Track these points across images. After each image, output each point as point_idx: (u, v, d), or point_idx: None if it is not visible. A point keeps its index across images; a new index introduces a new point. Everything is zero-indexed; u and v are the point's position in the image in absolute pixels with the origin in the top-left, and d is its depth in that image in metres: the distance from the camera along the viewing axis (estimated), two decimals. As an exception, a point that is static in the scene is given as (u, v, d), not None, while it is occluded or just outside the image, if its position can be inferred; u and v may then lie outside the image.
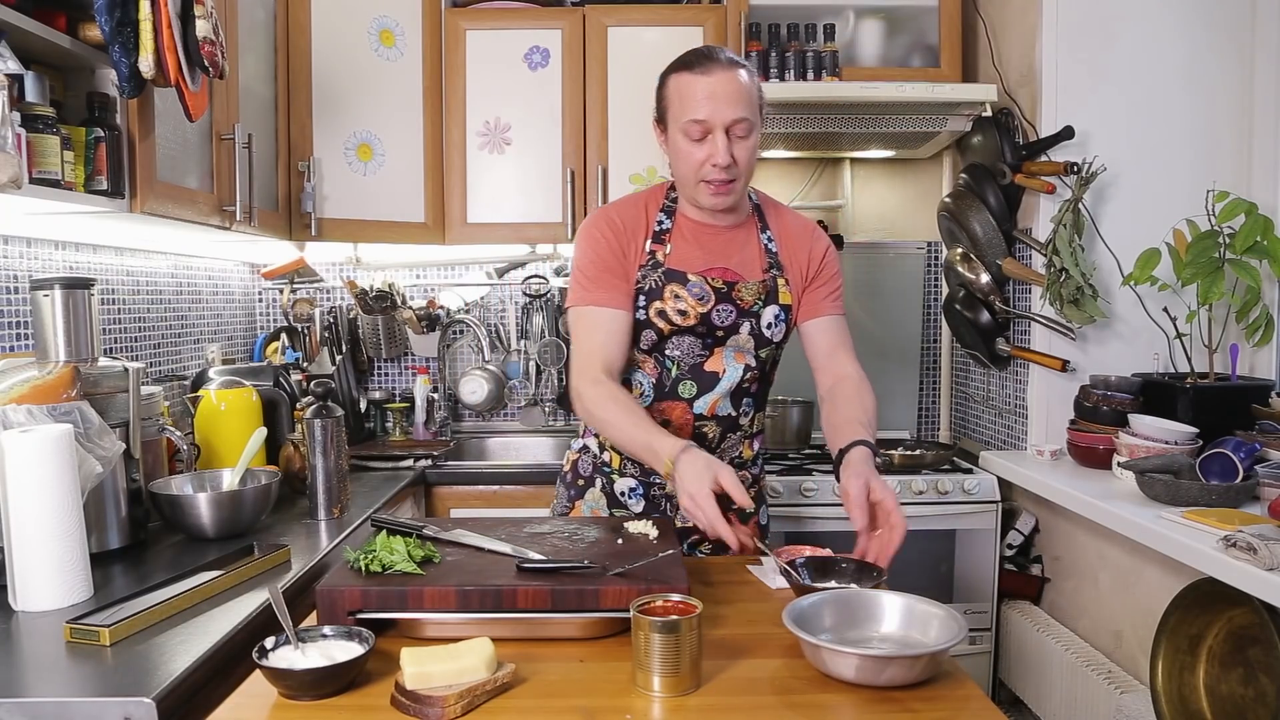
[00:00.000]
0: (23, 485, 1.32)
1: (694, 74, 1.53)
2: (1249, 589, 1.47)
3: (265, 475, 1.84)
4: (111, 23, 1.44)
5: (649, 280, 1.59)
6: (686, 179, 1.58)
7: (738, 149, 1.53)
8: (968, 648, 2.48)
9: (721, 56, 1.55)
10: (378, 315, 2.89)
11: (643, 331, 1.60)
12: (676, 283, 1.58)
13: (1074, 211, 2.25)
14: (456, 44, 2.66)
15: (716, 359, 1.62)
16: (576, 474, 1.75)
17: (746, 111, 1.53)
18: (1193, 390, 2.08)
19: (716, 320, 1.60)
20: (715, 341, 1.61)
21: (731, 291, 1.60)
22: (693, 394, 1.62)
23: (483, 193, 2.69)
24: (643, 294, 1.59)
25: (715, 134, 1.51)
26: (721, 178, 1.53)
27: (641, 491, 1.69)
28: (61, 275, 1.90)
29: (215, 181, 1.95)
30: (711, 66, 1.52)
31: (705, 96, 1.51)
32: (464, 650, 1.05)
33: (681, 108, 1.53)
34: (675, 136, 1.56)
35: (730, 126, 1.52)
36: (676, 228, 1.64)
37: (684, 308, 1.58)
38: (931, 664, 1.05)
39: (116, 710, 1.04)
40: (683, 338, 1.60)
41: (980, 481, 2.44)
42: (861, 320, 3.03)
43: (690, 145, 1.54)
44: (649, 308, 1.59)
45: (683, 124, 1.53)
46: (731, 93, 1.51)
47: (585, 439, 1.76)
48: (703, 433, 1.65)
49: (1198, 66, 2.34)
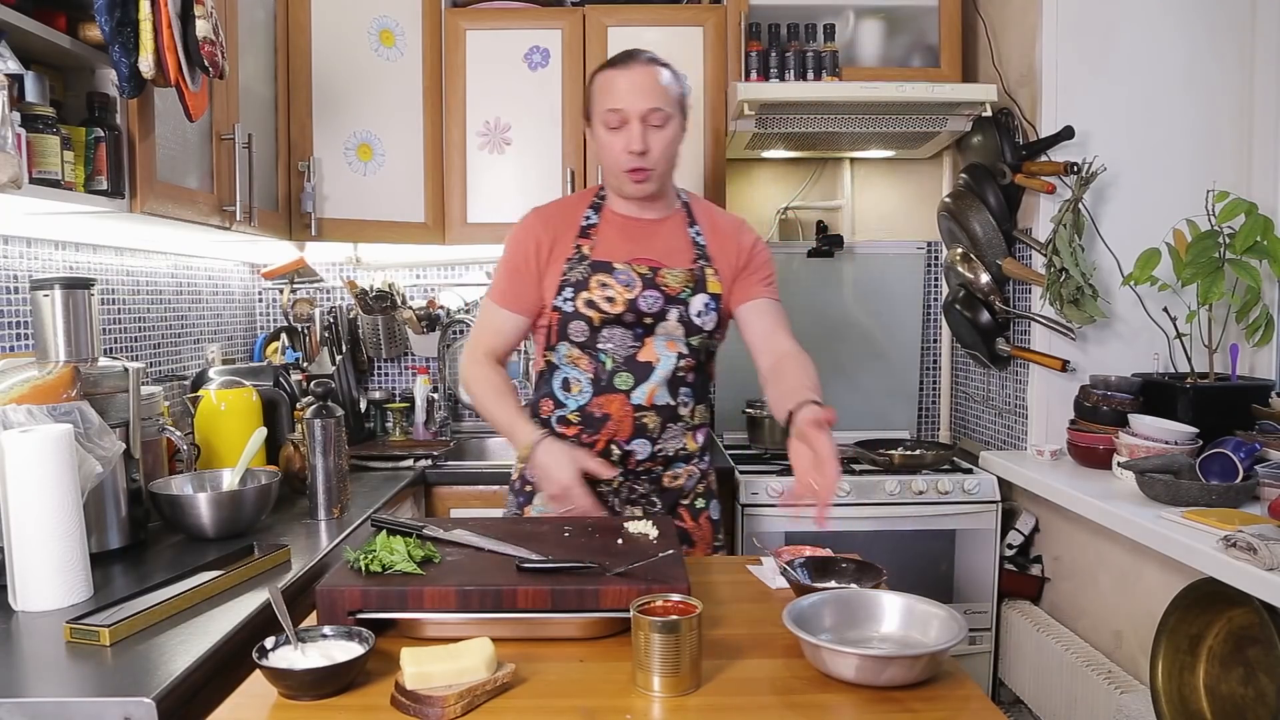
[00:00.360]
0: (23, 485, 1.32)
1: (615, 70, 1.66)
2: (1249, 589, 1.47)
3: (265, 475, 1.84)
4: (111, 23, 1.44)
5: (575, 273, 1.66)
6: (610, 169, 1.69)
7: (652, 138, 1.63)
8: (968, 648, 2.48)
9: (643, 56, 1.67)
10: (378, 315, 2.89)
11: (572, 324, 1.66)
12: (603, 272, 1.66)
13: (1074, 211, 2.25)
14: (456, 44, 2.66)
15: (649, 349, 1.68)
16: (524, 480, 1.79)
17: (662, 103, 1.63)
18: (1193, 390, 2.08)
19: (643, 306, 1.66)
20: (645, 331, 1.67)
21: (656, 277, 1.67)
22: (630, 385, 1.67)
23: (483, 193, 2.69)
24: (570, 286, 1.66)
25: (631, 123, 1.62)
26: (637, 164, 1.63)
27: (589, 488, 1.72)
28: (61, 275, 1.90)
29: (215, 181, 1.95)
30: (631, 63, 1.65)
31: (623, 89, 1.63)
32: (464, 650, 1.05)
33: (603, 100, 1.66)
34: (598, 128, 1.68)
35: (645, 115, 1.62)
36: (603, 222, 1.72)
37: (611, 294, 1.65)
38: (931, 664, 1.05)
39: (116, 710, 1.04)
40: (613, 329, 1.66)
41: (980, 481, 2.44)
42: (861, 320, 3.04)
43: (610, 135, 1.65)
44: (577, 299, 1.65)
45: (602, 114, 1.65)
46: (647, 86, 1.63)
47: None
48: (643, 423, 1.69)
49: (1198, 66, 2.34)
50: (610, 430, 1.68)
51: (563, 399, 1.70)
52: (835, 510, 2.37)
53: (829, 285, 3.03)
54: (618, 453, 1.69)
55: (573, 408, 1.69)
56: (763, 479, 2.42)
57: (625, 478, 1.72)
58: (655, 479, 1.74)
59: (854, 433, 2.93)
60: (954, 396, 3.04)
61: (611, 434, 1.68)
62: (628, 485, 1.72)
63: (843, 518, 2.41)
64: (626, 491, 1.73)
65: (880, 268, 3.03)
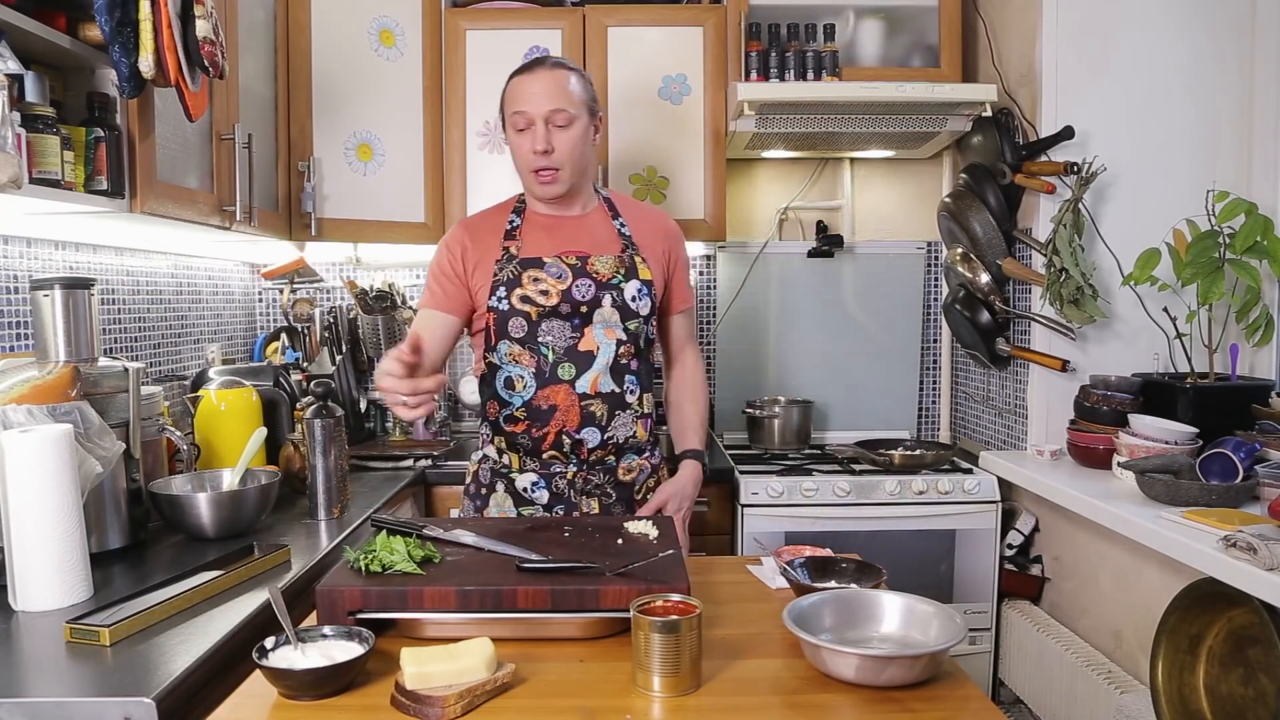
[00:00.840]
0: (23, 485, 1.32)
1: (522, 76, 1.72)
2: (1249, 589, 1.47)
3: (265, 475, 1.84)
4: (111, 23, 1.44)
5: (505, 272, 1.70)
6: (520, 171, 1.75)
7: (556, 138, 1.68)
8: (968, 648, 2.48)
9: (549, 61, 1.72)
10: (378, 315, 2.89)
11: (510, 321, 1.69)
12: (533, 268, 1.70)
13: (1074, 211, 2.25)
14: (456, 44, 2.66)
15: (588, 338, 1.71)
16: (479, 484, 1.81)
17: (564, 104, 1.68)
18: (1193, 390, 2.08)
19: (577, 295, 1.70)
20: (583, 320, 1.70)
21: (585, 265, 1.71)
22: (573, 375, 1.70)
23: (483, 193, 2.68)
24: (502, 285, 1.69)
25: (536, 124, 1.67)
26: (543, 164, 1.68)
27: (544, 484, 1.75)
28: (61, 275, 1.90)
29: (215, 181, 1.95)
30: (537, 68, 1.71)
31: (527, 92, 1.69)
32: (464, 650, 1.05)
33: (509, 104, 1.72)
34: (509, 134, 1.73)
35: (549, 116, 1.67)
36: (526, 223, 1.77)
37: (545, 288, 1.69)
38: (931, 664, 1.05)
39: (116, 710, 1.04)
40: (551, 321, 1.69)
41: (980, 481, 2.44)
42: (861, 320, 3.04)
43: (517, 137, 1.70)
44: (510, 296, 1.69)
45: (509, 117, 1.71)
46: (550, 88, 1.68)
47: (484, 449, 1.82)
48: (590, 411, 1.71)
49: (1198, 66, 2.34)
50: (559, 421, 1.70)
51: (507, 397, 1.72)
52: (835, 510, 2.40)
53: (829, 285, 3.03)
54: (569, 442, 1.71)
55: (518, 404, 1.71)
56: (763, 479, 2.42)
57: (579, 468, 1.74)
58: (610, 470, 1.77)
59: (854, 433, 2.94)
60: (954, 396, 3.04)
61: (560, 424, 1.70)
62: (582, 475, 1.75)
63: (843, 518, 2.41)
64: (581, 482, 1.75)
65: (880, 268, 3.03)
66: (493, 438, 1.79)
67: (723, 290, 3.03)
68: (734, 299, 3.02)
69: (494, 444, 1.79)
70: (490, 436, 1.80)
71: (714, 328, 3.04)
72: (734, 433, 2.99)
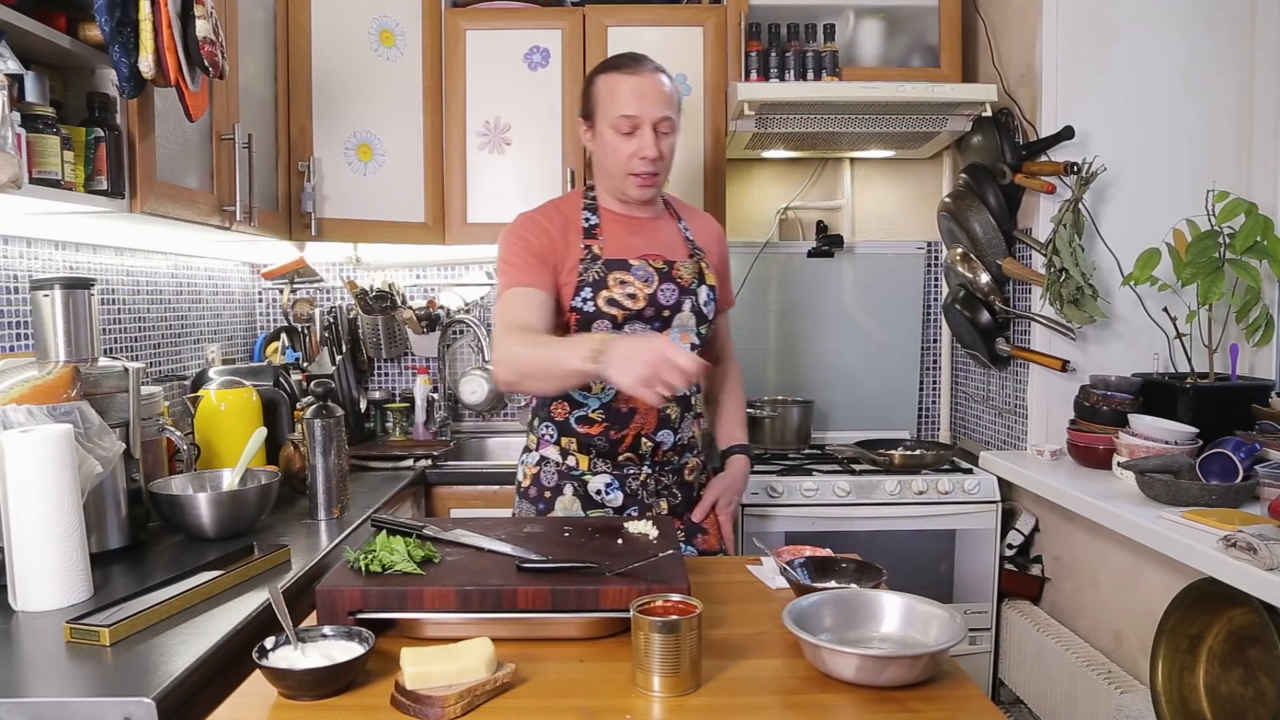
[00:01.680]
0: (23, 485, 1.32)
1: (624, 74, 1.67)
2: (1249, 589, 1.47)
3: (265, 475, 1.84)
4: (111, 23, 1.44)
5: (591, 273, 1.66)
6: (614, 172, 1.70)
7: (663, 144, 1.67)
8: (968, 648, 2.48)
9: (649, 63, 1.69)
10: (378, 315, 2.89)
11: (595, 324, 1.66)
12: (619, 270, 1.67)
13: (1074, 211, 2.25)
14: (456, 44, 2.66)
15: None
16: (540, 486, 1.77)
17: (670, 111, 1.67)
18: (1193, 390, 2.08)
19: (663, 300, 1.69)
20: (663, 324, 1.70)
21: (672, 270, 1.71)
22: None
23: (483, 193, 2.69)
24: (588, 286, 1.66)
25: (644, 128, 1.65)
26: (649, 170, 1.66)
27: (617, 486, 1.73)
28: (61, 275, 1.90)
29: (215, 181, 1.95)
30: (640, 69, 1.67)
31: (635, 94, 1.65)
32: (464, 650, 1.05)
33: (613, 104, 1.66)
34: (604, 131, 1.69)
35: (657, 123, 1.65)
36: (605, 222, 1.73)
37: (632, 291, 1.66)
38: (931, 664, 1.05)
39: (116, 710, 1.04)
40: (634, 325, 1.68)
41: (980, 481, 2.44)
42: (861, 320, 3.04)
43: (619, 139, 1.66)
44: (597, 298, 1.65)
45: (613, 119, 1.66)
46: (659, 93, 1.66)
47: (542, 450, 1.77)
48: (665, 414, 1.71)
49: (1198, 66, 2.34)
50: (638, 423, 1.69)
51: (581, 399, 1.70)
52: (835, 510, 2.40)
53: (829, 285, 3.03)
54: (649, 444, 1.71)
55: (595, 405, 1.69)
56: (763, 479, 2.42)
57: (651, 469, 1.74)
58: (678, 470, 1.78)
59: (854, 433, 2.94)
60: (954, 396, 3.04)
61: (639, 427, 1.70)
62: (654, 477, 1.74)
63: (843, 518, 2.41)
64: (653, 484, 1.75)
65: (880, 268, 3.03)
66: (558, 439, 1.74)
67: (723, 290, 3.03)
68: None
69: (558, 445, 1.75)
70: (554, 437, 1.75)
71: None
72: (734, 433, 2.99)
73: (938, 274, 3.04)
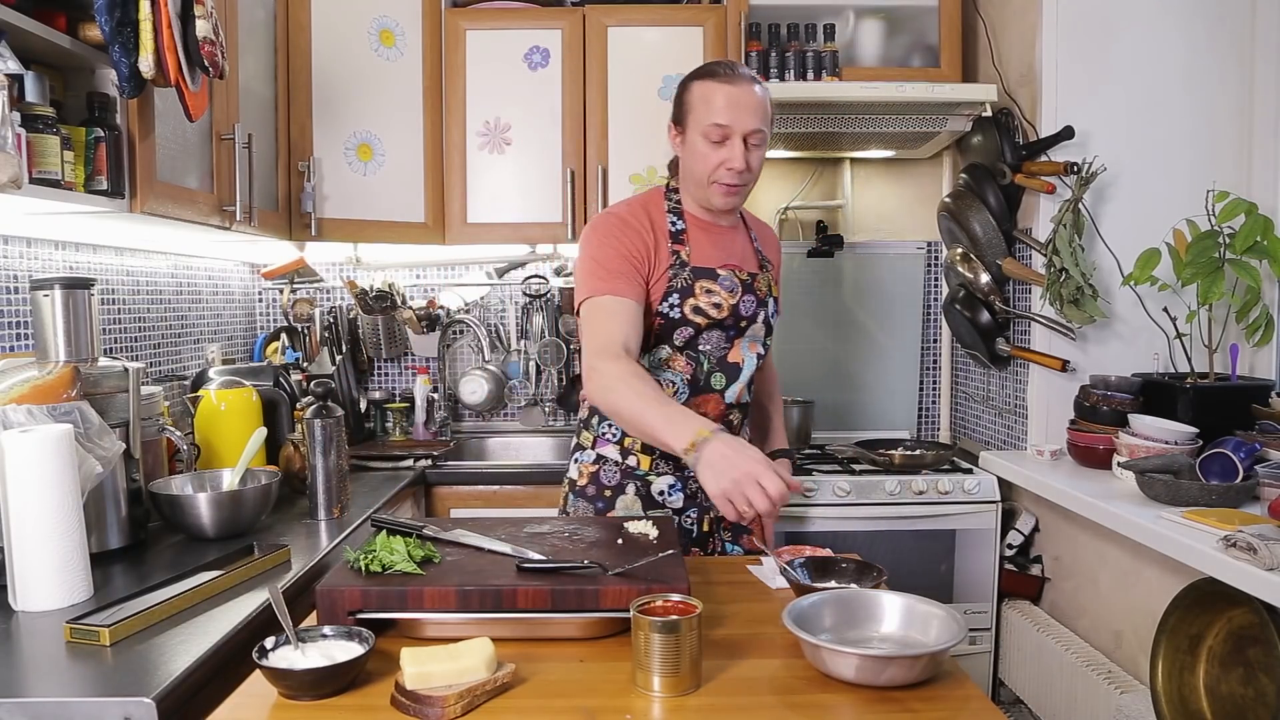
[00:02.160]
0: (23, 485, 1.32)
1: (719, 82, 1.63)
2: (1249, 589, 1.47)
3: (265, 475, 1.84)
4: (111, 23, 1.44)
5: (680, 279, 1.65)
6: (700, 179, 1.66)
7: (752, 156, 1.64)
8: (968, 648, 2.48)
9: (744, 71, 1.66)
10: (378, 315, 2.89)
11: (678, 329, 1.66)
12: (706, 279, 1.67)
13: (1074, 211, 2.25)
14: (456, 44, 2.66)
15: (736, 350, 1.72)
16: (600, 485, 1.74)
17: (762, 124, 1.64)
18: (1193, 390, 2.08)
19: (743, 310, 1.70)
20: (737, 333, 1.71)
21: (754, 283, 1.72)
22: (723, 385, 1.71)
23: (483, 193, 2.69)
24: (676, 293, 1.65)
25: (734, 139, 1.62)
26: (736, 181, 1.64)
27: (680, 487, 1.72)
28: (61, 275, 1.90)
29: (215, 181, 1.95)
30: (735, 78, 1.63)
31: (728, 104, 1.61)
32: (464, 650, 1.05)
33: (706, 112, 1.62)
34: (694, 139, 1.65)
35: (748, 135, 1.62)
36: (691, 228, 1.72)
37: (718, 300, 1.66)
38: (931, 664, 1.05)
39: (116, 710, 1.04)
40: (712, 332, 1.68)
41: (980, 481, 2.44)
42: (861, 320, 3.04)
43: (709, 148, 1.63)
44: (683, 305, 1.65)
45: (704, 127, 1.62)
46: (752, 104, 1.62)
47: (599, 449, 1.75)
48: (730, 421, 1.72)
49: (1198, 66, 2.34)
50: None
51: None
52: (835, 510, 2.40)
53: (829, 285, 3.03)
54: None
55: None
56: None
57: None
58: None
59: (854, 433, 2.93)
60: (954, 396, 3.04)
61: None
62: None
63: (843, 518, 2.41)
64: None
65: (880, 268, 3.03)
66: (620, 438, 1.72)
67: (723, 290, 3.03)
68: (734, 299, 3.02)
69: (619, 445, 1.73)
70: (616, 436, 1.73)
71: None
72: (734, 433, 2.99)
73: (938, 274, 3.04)
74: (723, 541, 1.78)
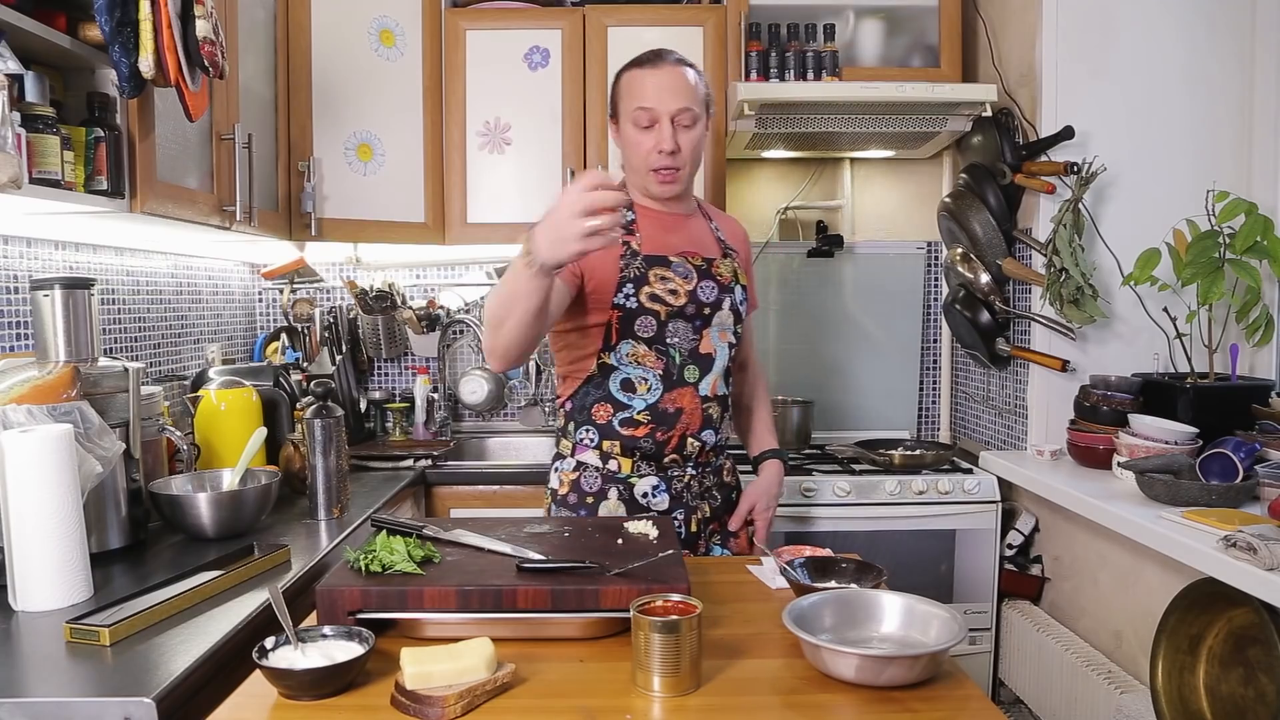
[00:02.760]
0: (23, 485, 1.32)
1: (644, 69, 1.67)
2: (1249, 589, 1.47)
3: (265, 475, 1.84)
4: (111, 23, 1.44)
5: (632, 268, 1.65)
6: (638, 168, 1.69)
7: (682, 138, 1.65)
8: (968, 648, 2.48)
9: (670, 57, 1.68)
10: (378, 315, 2.89)
11: (638, 320, 1.65)
12: (659, 266, 1.66)
13: (1074, 211, 2.25)
14: (456, 44, 2.66)
15: (706, 340, 1.70)
16: (582, 492, 1.72)
17: (691, 103, 1.65)
18: (1193, 390, 2.08)
19: (703, 297, 1.68)
20: (703, 323, 1.69)
21: (711, 268, 1.70)
22: (696, 377, 1.69)
23: (483, 193, 2.69)
24: (630, 282, 1.64)
25: (661, 122, 1.64)
26: (668, 164, 1.65)
27: (664, 488, 1.70)
28: (61, 275, 1.90)
29: (215, 181, 1.95)
30: (660, 63, 1.66)
31: (653, 88, 1.64)
32: (464, 650, 1.05)
33: (632, 99, 1.66)
34: (626, 127, 1.68)
35: (675, 116, 1.64)
36: (641, 217, 1.71)
37: (673, 287, 1.66)
38: (931, 664, 1.05)
39: (116, 710, 1.04)
40: (676, 323, 1.67)
41: (980, 481, 2.44)
42: (861, 320, 3.04)
43: (639, 134, 1.66)
44: (639, 294, 1.64)
45: (632, 113, 1.66)
46: (677, 86, 1.64)
47: (579, 455, 1.73)
48: (709, 414, 1.70)
49: (1198, 66, 2.34)
50: (684, 424, 1.68)
51: (625, 400, 1.67)
52: (835, 510, 2.40)
53: (829, 285, 3.03)
54: (694, 445, 1.70)
55: (641, 407, 1.66)
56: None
57: (696, 470, 1.73)
58: (717, 471, 1.78)
59: (854, 433, 2.94)
60: (954, 396, 3.04)
61: (685, 428, 1.68)
62: (697, 479, 1.74)
63: (843, 518, 2.41)
64: (697, 486, 1.74)
65: (880, 268, 3.03)
66: (599, 443, 1.70)
67: (723, 290, 3.03)
68: (734, 299, 3.02)
69: (598, 449, 1.70)
70: (594, 441, 1.70)
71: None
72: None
73: (938, 274, 3.04)
74: (709, 543, 1.78)
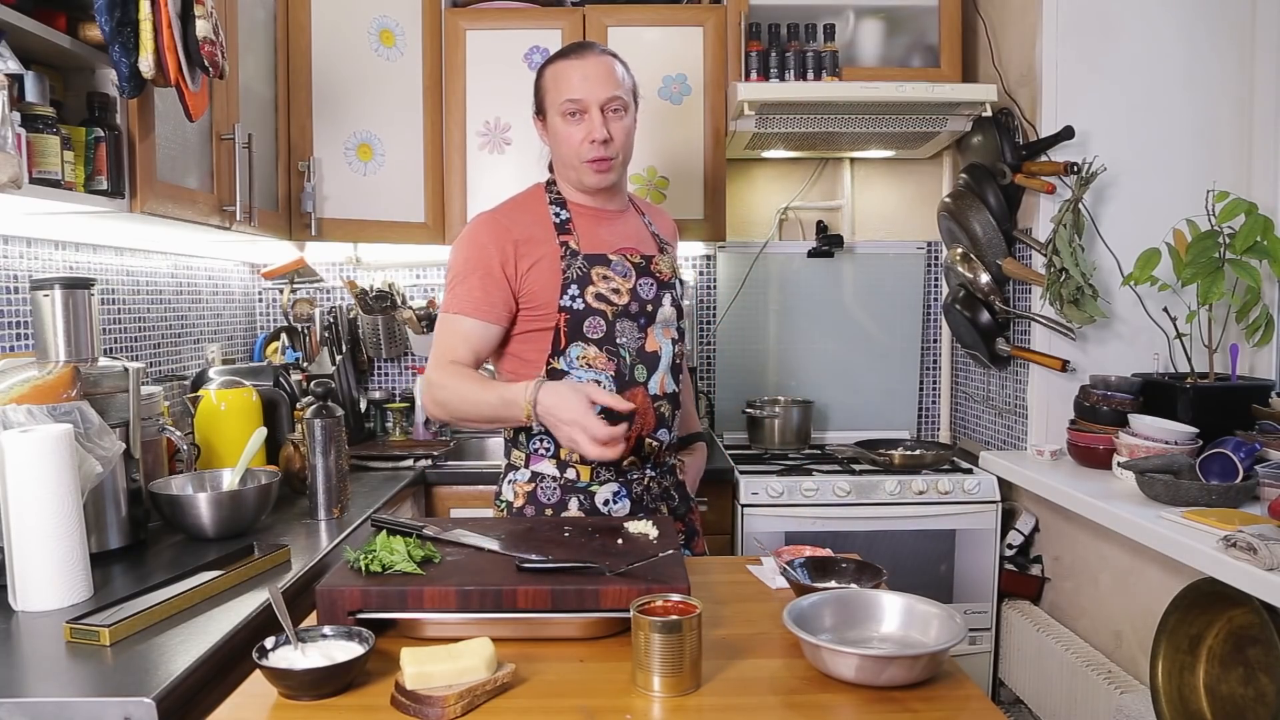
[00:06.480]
0: (23, 485, 1.32)
1: (569, 60, 1.64)
2: (1249, 589, 1.47)
3: (265, 475, 1.84)
4: (111, 23, 1.44)
5: (574, 269, 1.62)
6: (570, 161, 1.65)
7: (613, 126, 1.63)
8: (968, 648, 2.48)
9: (595, 48, 1.67)
10: (378, 315, 2.89)
11: (587, 321, 1.62)
12: (599, 265, 1.64)
13: (1074, 211, 2.25)
14: (456, 44, 2.66)
15: (651, 339, 1.67)
16: (539, 504, 1.65)
17: (619, 91, 1.63)
18: (1193, 390, 2.08)
19: (643, 294, 1.66)
20: (647, 320, 1.67)
21: (650, 265, 1.68)
22: (645, 376, 1.66)
23: (483, 193, 2.69)
24: (574, 283, 1.61)
25: (591, 111, 1.61)
26: (601, 154, 1.62)
27: (625, 493, 1.66)
28: (61, 275, 1.90)
29: (215, 181, 1.95)
30: (585, 54, 1.64)
31: (579, 79, 1.61)
32: (464, 650, 1.05)
33: (559, 91, 1.63)
34: (554, 120, 1.65)
35: (605, 104, 1.61)
36: (575, 216, 1.68)
37: (615, 286, 1.64)
38: (931, 664, 1.05)
39: (116, 710, 1.04)
40: (623, 322, 1.64)
41: (980, 481, 2.44)
42: (861, 320, 3.04)
43: (569, 126, 1.62)
44: (585, 294, 1.62)
45: (560, 105, 1.62)
46: (604, 74, 1.62)
47: (534, 465, 1.66)
48: (661, 412, 1.68)
49: (1198, 66, 2.34)
50: (639, 425, 1.65)
51: None
52: (835, 510, 2.40)
53: (829, 285, 3.03)
54: (652, 444, 1.68)
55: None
56: (763, 479, 2.42)
57: (655, 471, 1.71)
58: (671, 470, 1.76)
59: (854, 433, 2.94)
60: (954, 396, 3.04)
61: (640, 428, 1.66)
62: (655, 480, 1.71)
63: (843, 518, 2.41)
64: (656, 487, 1.71)
65: (880, 268, 3.03)
66: (555, 452, 1.65)
67: (722, 290, 3.03)
68: (734, 299, 3.02)
69: (554, 459, 1.65)
70: (550, 450, 1.65)
71: (714, 328, 3.04)
72: (734, 433, 2.99)
73: (938, 274, 3.04)
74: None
